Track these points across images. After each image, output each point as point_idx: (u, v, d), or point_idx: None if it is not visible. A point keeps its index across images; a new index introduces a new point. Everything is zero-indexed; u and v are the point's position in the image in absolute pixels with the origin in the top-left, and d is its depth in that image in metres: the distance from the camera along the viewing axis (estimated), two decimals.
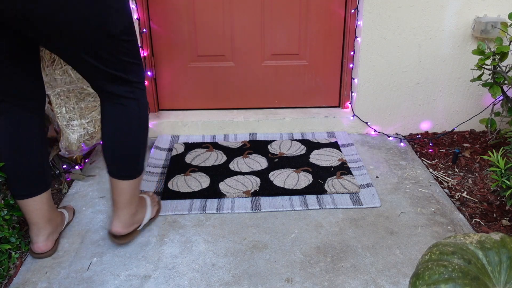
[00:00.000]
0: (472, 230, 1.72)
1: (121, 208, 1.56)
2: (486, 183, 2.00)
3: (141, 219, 1.66)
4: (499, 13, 2.21)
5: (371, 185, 1.96)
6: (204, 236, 1.69)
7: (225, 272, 1.52)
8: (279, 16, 2.32)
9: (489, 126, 2.17)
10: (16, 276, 1.52)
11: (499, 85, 2.00)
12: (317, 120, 2.42)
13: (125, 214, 1.57)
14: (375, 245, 1.63)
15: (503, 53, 1.96)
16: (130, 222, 1.60)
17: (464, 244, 1.13)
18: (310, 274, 1.51)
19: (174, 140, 2.38)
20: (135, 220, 1.62)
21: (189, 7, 2.28)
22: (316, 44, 2.39)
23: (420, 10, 2.19)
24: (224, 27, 2.33)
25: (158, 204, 1.80)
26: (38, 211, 1.53)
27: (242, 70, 2.43)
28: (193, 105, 2.51)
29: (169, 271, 1.53)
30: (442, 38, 2.25)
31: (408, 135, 2.45)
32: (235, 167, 2.10)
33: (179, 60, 2.40)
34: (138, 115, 1.49)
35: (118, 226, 1.57)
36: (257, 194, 1.90)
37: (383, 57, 2.28)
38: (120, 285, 1.48)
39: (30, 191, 1.50)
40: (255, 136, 2.40)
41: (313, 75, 2.45)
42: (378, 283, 1.47)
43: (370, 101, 2.38)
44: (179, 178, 2.01)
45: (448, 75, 2.33)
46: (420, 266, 1.14)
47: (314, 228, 1.72)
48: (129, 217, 1.58)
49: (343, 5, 2.30)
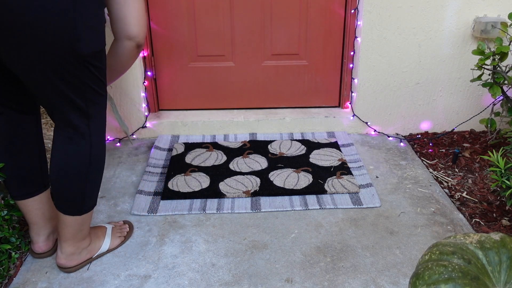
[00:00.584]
0: (472, 230, 1.72)
1: (64, 240, 1.48)
2: (486, 183, 2.00)
3: (94, 250, 1.57)
4: (499, 13, 2.21)
5: (371, 185, 1.96)
6: (204, 236, 1.69)
7: (225, 272, 1.52)
8: (279, 16, 2.32)
9: (489, 126, 2.17)
10: (16, 276, 1.52)
11: (499, 85, 2.00)
12: (317, 120, 2.43)
13: (69, 246, 1.49)
14: (375, 245, 1.63)
15: (503, 53, 1.96)
16: (75, 254, 1.51)
17: (464, 244, 1.13)
18: (310, 274, 1.51)
19: (174, 140, 2.38)
20: (84, 252, 1.54)
21: (189, 7, 2.28)
22: (316, 44, 2.39)
23: (420, 10, 2.19)
24: (224, 27, 2.33)
25: (122, 235, 1.66)
26: (38, 211, 1.53)
27: (242, 70, 2.44)
28: (193, 105, 2.51)
29: (169, 271, 1.53)
30: (442, 38, 2.25)
31: (408, 135, 2.45)
32: (235, 167, 2.10)
33: (179, 60, 2.40)
34: (88, 155, 1.40)
35: (61, 258, 1.50)
36: (257, 194, 1.90)
37: (383, 57, 2.28)
38: (120, 285, 1.48)
39: (28, 191, 1.50)
40: (255, 136, 2.40)
41: (313, 75, 2.45)
42: (378, 283, 1.47)
43: (370, 101, 2.38)
44: (179, 178, 2.01)
45: (448, 75, 2.33)
46: (420, 266, 1.14)
47: (314, 228, 1.72)
48: (73, 249, 1.50)
49: (343, 5, 2.30)
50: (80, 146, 1.39)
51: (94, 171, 1.43)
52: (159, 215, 1.80)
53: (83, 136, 1.38)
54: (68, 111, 1.35)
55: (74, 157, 1.39)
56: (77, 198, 1.43)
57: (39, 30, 1.18)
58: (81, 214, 1.45)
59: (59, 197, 1.43)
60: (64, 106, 1.34)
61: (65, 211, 1.43)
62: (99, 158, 1.44)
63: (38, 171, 1.52)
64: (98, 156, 1.43)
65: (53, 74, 1.27)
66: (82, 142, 1.39)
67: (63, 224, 1.45)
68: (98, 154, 1.43)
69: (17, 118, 1.44)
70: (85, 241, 1.52)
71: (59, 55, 1.23)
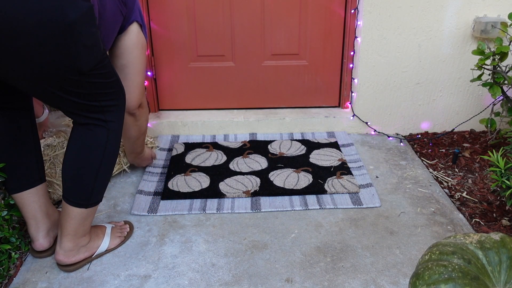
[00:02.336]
0: (472, 230, 1.72)
1: (65, 235, 1.47)
2: (486, 183, 2.00)
3: (93, 248, 1.56)
4: (499, 13, 2.21)
5: (371, 185, 1.96)
6: (204, 236, 1.69)
7: (225, 272, 1.52)
8: (279, 16, 2.32)
9: (489, 126, 2.17)
10: (16, 276, 1.52)
11: (499, 85, 2.00)
12: (317, 120, 2.43)
13: (68, 241, 1.48)
14: (375, 245, 1.63)
15: (503, 53, 1.96)
16: (74, 251, 1.50)
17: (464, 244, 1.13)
18: (310, 274, 1.51)
19: (174, 140, 2.38)
20: (83, 249, 1.53)
21: (189, 7, 2.29)
22: (316, 44, 2.39)
23: (420, 10, 2.19)
24: (224, 27, 2.33)
25: (122, 235, 1.66)
26: (35, 204, 1.52)
27: (242, 70, 2.44)
28: (193, 105, 2.51)
29: (169, 271, 1.53)
30: (442, 38, 2.25)
31: (408, 135, 2.45)
32: (235, 167, 2.11)
33: (179, 60, 2.40)
34: (105, 145, 1.42)
35: (60, 254, 1.49)
36: (257, 194, 1.90)
37: (383, 57, 2.28)
38: (120, 285, 1.48)
39: (24, 183, 1.50)
40: (255, 136, 2.40)
41: (313, 75, 2.46)
42: (378, 283, 1.47)
43: (370, 101, 2.38)
44: (179, 178, 2.01)
45: (448, 75, 2.34)
46: (420, 266, 1.14)
47: (314, 228, 1.72)
48: (73, 245, 1.49)
49: (343, 5, 2.30)
50: (98, 135, 1.42)
51: (106, 164, 1.45)
52: (159, 215, 1.80)
53: (100, 129, 1.42)
54: (84, 114, 1.38)
55: (91, 146, 1.42)
56: (85, 190, 1.44)
57: (34, 55, 1.19)
58: (87, 207, 1.46)
59: (68, 187, 1.44)
60: (78, 111, 1.37)
61: (72, 202, 1.45)
62: (113, 152, 1.46)
63: (34, 165, 1.52)
64: (111, 151, 1.45)
65: (57, 89, 1.29)
66: (100, 131, 1.42)
67: (67, 217, 1.46)
68: (112, 149, 1.46)
69: (11, 114, 1.46)
70: (84, 238, 1.52)
71: (59, 75, 1.25)
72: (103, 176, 1.46)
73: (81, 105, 1.36)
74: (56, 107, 1.39)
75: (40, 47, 1.18)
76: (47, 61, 1.21)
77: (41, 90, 1.29)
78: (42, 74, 1.23)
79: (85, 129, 1.41)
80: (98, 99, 1.37)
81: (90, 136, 1.41)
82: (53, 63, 1.22)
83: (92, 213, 1.50)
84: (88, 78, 1.31)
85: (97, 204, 1.49)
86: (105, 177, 1.47)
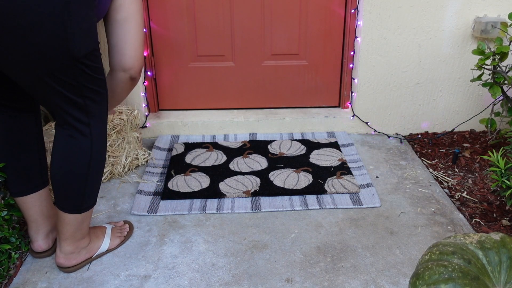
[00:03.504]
0: (472, 230, 1.72)
1: (63, 239, 1.47)
2: (486, 183, 2.00)
3: (93, 249, 1.56)
4: (499, 13, 2.21)
5: (371, 185, 1.96)
6: (204, 236, 1.69)
7: (225, 272, 1.52)
8: (279, 16, 2.32)
9: (489, 126, 2.17)
10: (16, 276, 1.52)
11: (499, 85, 2.00)
12: (317, 120, 2.43)
13: (68, 245, 1.48)
14: (375, 245, 1.63)
15: (503, 53, 1.96)
16: (74, 254, 1.51)
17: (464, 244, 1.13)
18: (310, 274, 1.51)
19: (174, 140, 2.38)
20: (83, 251, 1.53)
21: (189, 7, 2.29)
22: (316, 44, 2.39)
23: (420, 10, 2.19)
24: (224, 27, 2.33)
25: (122, 235, 1.66)
26: (37, 208, 1.52)
27: (242, 70, 2.44)
28: (193, 105, 2.51)
29: (169, 271, 1.53)
30: (442, 38, 2.25)
31: (408, 135, 2.45)
32: (235, 167, 2.10)
33: (179, 60, 2.40)
34: (89, 153, 1.40)
35: (60, 257, 1.50)
36: (257, 194, 1.90)
37: (383, 57, 2.28)
38: (120, 285, 1.48)
39: (27, 187, 1.50)
40: (255, 136, 2.40)
41: (313, 75, 2.45)
42: (378, 283, 1.47)
43: (370, 101, 2.38)
44: (179, 178, 2.01)
45: (448, 75, 2.34)
46: (420, 266, 1.14)
47: (314, 228, 1.72)
48: (73, 248, 1.49)
49: (343, 5, 2.30)
50: (81, 143, 1.38)
51: (94, 169, 1.43)
52: (159, 215, 1.80)
53: (84, 134, 1.38)
54: (67, 109, 1.34)
55: (75, 154, 1.38)
56: (77, 196, 1.42)
57: (30, 34, 1.18)
58: (80, 212, 1.44)
59: (59, 194, 1.42)
60: (63, 105, 1.34)
61: (64, 209, 1.43)
62: (100, 156, 1.43)
63: (37, 168, 1.52)
64: (98, 154, 1.42)
65: (47, 76, 1.26)
66: (83, 139, 1.38)
67: (63, 223, 1.45)
68: (99, 152, 1.42)
69: (16, 115, 1.45)
70: (84, 240, 1.52)
71: (51, 58, 1.23)
72: (93, 180, 1.44)
73: (66, 99, 1.32)
74: (42, 102, 1.36)
75: (38, 25, 1.17)
76: (43, 40, 1.19)
77: (32, 78, 1.26)
78: (36, 55, 1.21)
79: (68, 138, 1.38)
80: (83, 94, 1.34)
81: (74, 145, 1.38)
82: (48, 43, 1.20)
83: (87, 216, 1.48)
84: (79, 65, 1.28)
85: (91, 208, 1.48)
86: (95, 181, 1.45)
